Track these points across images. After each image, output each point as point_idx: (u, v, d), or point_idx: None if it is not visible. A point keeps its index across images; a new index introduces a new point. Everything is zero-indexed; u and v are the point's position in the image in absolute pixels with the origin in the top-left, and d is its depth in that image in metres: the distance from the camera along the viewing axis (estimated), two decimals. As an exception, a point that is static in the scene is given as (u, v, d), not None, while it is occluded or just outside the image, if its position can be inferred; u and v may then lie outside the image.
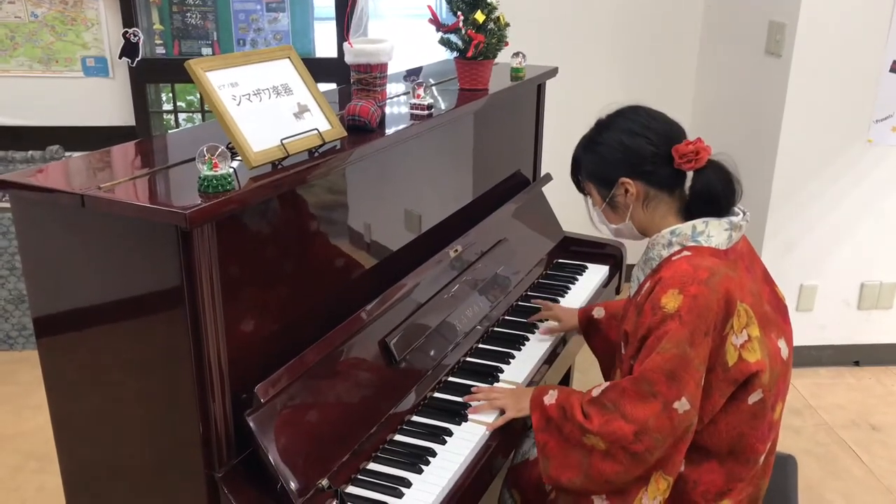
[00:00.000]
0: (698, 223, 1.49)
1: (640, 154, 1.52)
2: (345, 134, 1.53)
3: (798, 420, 2.89)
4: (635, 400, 1.41)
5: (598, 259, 2.48)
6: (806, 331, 3.12)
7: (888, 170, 2.99)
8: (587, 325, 1.95)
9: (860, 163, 2.98)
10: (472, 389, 1.73)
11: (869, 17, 2.78)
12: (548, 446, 1.50)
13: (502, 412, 1.65)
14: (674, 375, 1.38)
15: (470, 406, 1.68)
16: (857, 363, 3.28)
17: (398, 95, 2.04)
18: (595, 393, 1.48)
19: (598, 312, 1.93)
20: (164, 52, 3.79)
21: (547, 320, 2.04)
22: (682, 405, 1.39)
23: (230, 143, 1.34)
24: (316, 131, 1.45)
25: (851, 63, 2.83)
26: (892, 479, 2.59)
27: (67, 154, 3.22)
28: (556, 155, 2.71)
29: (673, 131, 1.54)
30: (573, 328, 2.00)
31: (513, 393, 1.68)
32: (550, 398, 1.54)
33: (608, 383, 1.49)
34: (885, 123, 2.92)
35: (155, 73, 3.60)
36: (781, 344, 1.51)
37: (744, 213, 1.53)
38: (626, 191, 1.54)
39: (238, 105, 1.35)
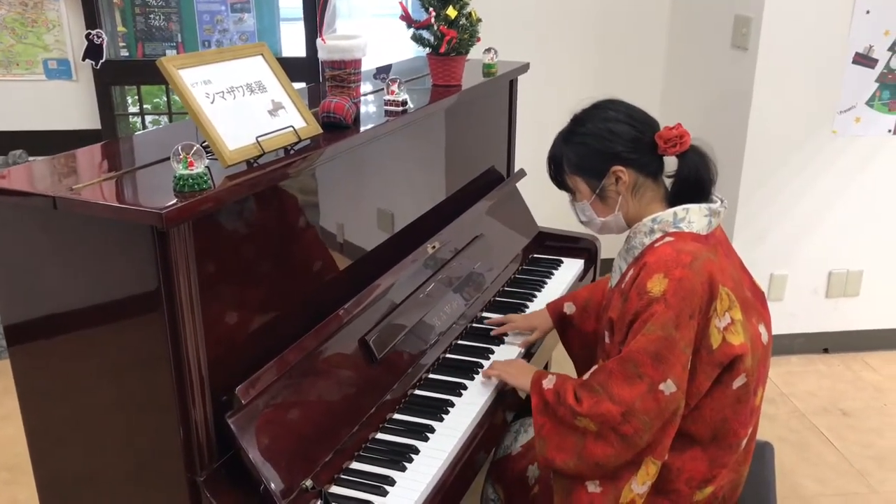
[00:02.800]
0: (679, 210, 1.51)
1: (627, 140, 1.54)
2: (320, 131, 1.52)
3: (771, 408, 2.94)
4: (622, 381, 1.43)
5: (572, 253, 2.49)
6: (777, 320, 3.14)
7: (852, 160, 3.05)
8: (561, 324, 1.95)
9: (825, 153, 3.03)
10: (484, 371, 1.79)
11: (832, 9, 2.83)
12: (544, 428, 1.52)
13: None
14: (659, 357, 1.40)
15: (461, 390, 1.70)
16: (826, 350, 3.34)
17: (369, 94, 2.03)
18: (586, 376, 1.50)
19: (569, 308, 1.93)
20: (127, 54, 3.74)
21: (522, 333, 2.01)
22: (667, 387, 1.40)
23: (204, 141, 1.32)
24: (291, 128, 1.44)
25: (816, 56, 2.88)
26: (864, 462, 2.64)
27: (31, 158, 3.15)
28: (530, 151, 2.72)
29: (651, 120, 1.57)
30: (550, 329, 1.98)
31: (519, 364, 1.77)
32: (549, 383, 1.55)
33: (597, 366, 1.50)
34: (848, 114, 2.98)
35: (120, 76, 3.54)
36: (761, 329, 1.53)
37: (721, 201, 1.55)
38: (618, 179, 1.55)
39: (212, 103, 1.33)
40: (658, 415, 1.41)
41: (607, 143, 1.54)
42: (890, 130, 3.01)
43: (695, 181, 1.53)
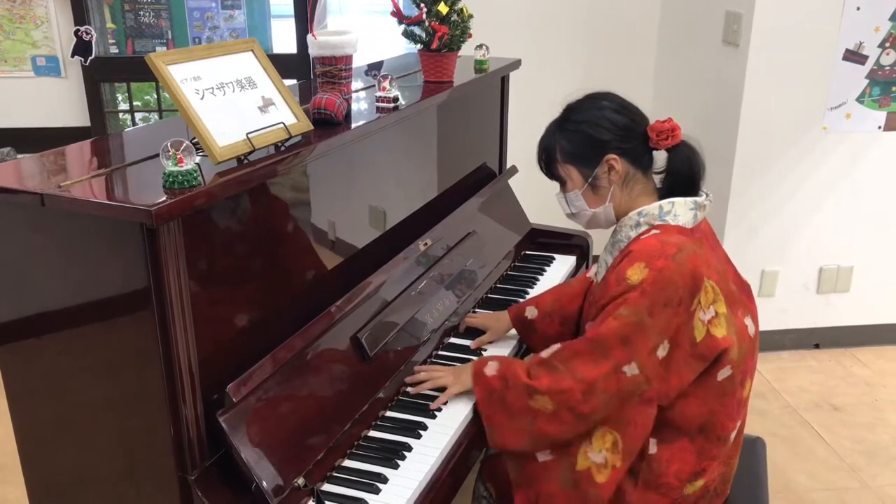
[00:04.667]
0: (664, 203, 1.52)
1: (621, 129, 1.54)
2: (311, 127, 1.51)
3: (763, 403, 2.95)
4: (587, 360, 1.44)
5: (564, 250, 2.49)
6: (768, 315, 3.18)
7: (842, 156, 3.06)
8: (522, 327, 1.92)
9: (816, 150, 3.04)
10: (415, 369, 1.74)
11: (822, 6, 2.84)
12: (492, 417, 1.52)
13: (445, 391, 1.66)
14: (627, 340, 1.41)
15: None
16: (817, 346, 3.36)
17: (360, 90, 2.02)
18: (545, 355, 1.50)
19: (531, 312, 1.89)
20: (117, 51, 3.71)
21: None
22: (630, 369, 1.42)
23: (194, 137, 1.31)
24: (282, 125, 1.43)
25: (806, 52, 2.89)
26: (855, 457, 2.65)
27: (20, 156, 3.12)
28: (521, 147, 2.72)
29: (643, 113, 1.58)
30: (505, 331, 1.94)
31: (454, 370, 1.69)
32: (491, 369, 1.55)
33: (559, 345, 1.50)
34: (839, 111, 2.98)
35: (109, 72, 3.52)
36: (748, 321, 1.54)
37: (707, 195, 1.56)
38: (611, 168, 1.55)
39: (202, 99, 1.32)
40: (616, 395, 1.43)
41: (602, 131, 1.54)
42: (880, 127, 3.02)
43: (688, 175, 1.54)
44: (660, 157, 1.57)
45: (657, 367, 1.43)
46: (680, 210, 1.51)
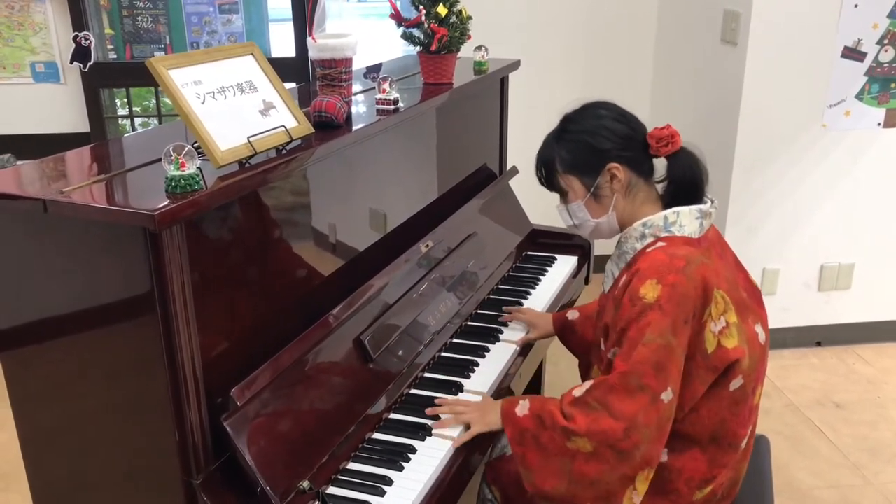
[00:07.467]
0: (669, 213, 1.50)
1: (621, 137, 1.52)
2: (312, 130, 1.51)
3: (766, 401, 2.94)
4: (623, 395, 1.38)
5: (566, 250, 2.49)
6: (770, 314, 3.15)
7: (842, 153, 3.06)
8: (562, 329, 1.93)
9: (816, 147, 3.04)
10: (436, 401, 1.66)
11: (820, 3, 2.84)
12: (526, 458, 1.46)
13: (469, 427, 1.59)
14: (660, 366, 1.37)
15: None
16: (819, 343, 3.35)
17: (359, 93, 2.02)
18: (577, 393, 1.44)
19: (573, 315, 1.92)
20: (115, 57, 3.72)
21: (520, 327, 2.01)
22: (667, 395, 1.38)
23: (196, 142, 1.31)
24: (283, 128, 1.43)
25: (805, 50, 2.89)
26: (858, 454, 2.65)
27: (20, 163, 3.13)
28: (521, 148, 2.72)
29: (640, 121, 1.57)
30: (548, 334, 1.97)
31: (479, 406, 1.61)
32: (522, 409, 1.49)
33: (591, 382, 1.45)
34: (838, 108, 2.99)
35: (108, 78, 3.52)
36: (758, 329, 1.52)
37: (712, 201, 1.54)
38: (613, 177, 1.53)
39: (203, 103, 1.32)
40: (658, 425, 1.39)
41: (601, 140, 1.53)
42: (879, 124, 3.02)
43: (690, 181, 1.52)
44: (660, 165, 1.56)
45: (680, 383, 1.42)
46: (685, 220, 1.49)
